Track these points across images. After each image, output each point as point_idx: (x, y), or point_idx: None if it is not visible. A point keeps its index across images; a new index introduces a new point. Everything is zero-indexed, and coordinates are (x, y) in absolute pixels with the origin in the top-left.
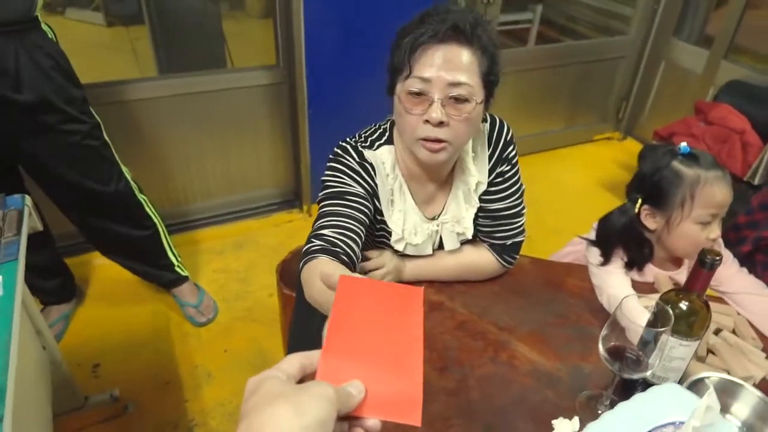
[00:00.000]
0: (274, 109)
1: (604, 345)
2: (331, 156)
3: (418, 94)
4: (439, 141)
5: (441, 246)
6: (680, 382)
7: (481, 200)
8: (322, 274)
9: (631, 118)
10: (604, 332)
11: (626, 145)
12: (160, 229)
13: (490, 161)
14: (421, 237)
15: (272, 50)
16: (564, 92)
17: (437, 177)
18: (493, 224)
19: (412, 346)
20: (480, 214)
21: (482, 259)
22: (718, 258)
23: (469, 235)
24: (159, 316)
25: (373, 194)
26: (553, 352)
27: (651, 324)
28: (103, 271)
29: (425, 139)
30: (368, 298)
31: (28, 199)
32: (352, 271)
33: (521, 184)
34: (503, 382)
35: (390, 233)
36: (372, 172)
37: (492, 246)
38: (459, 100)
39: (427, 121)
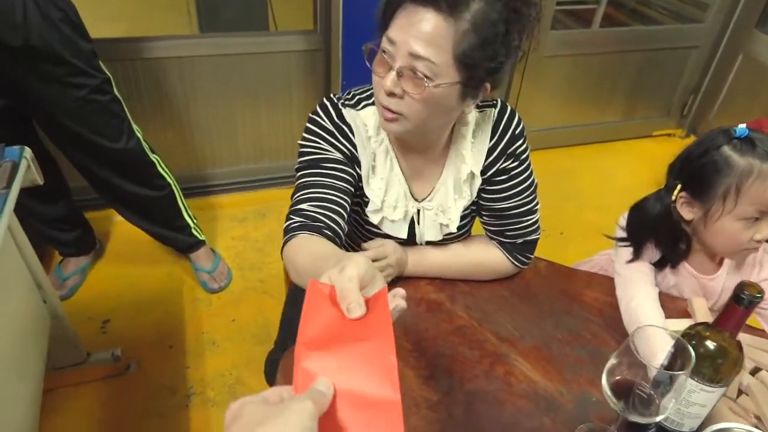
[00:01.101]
0: (308, 78)
1: (608, 377)
2: (309, 114)
3: (384, 53)
4: (392, 111)
5: (412, 234)
6: (699, 430)
7: (481, 197)
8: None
9: (697, 114)
10: (611, 361)
11: (689, 143)
12: (174, 191)
13: (489, 154)
14: (399, 213)
15: (312, 14)
16: (625, 81)
17: (423, 148)
18: (500, 223)
19: (383, 350)
20: (484, 212)
21: (492, 256)
22: (759, 295)
23: (454, 228)
24: (173, 279)
25: (351, 158)
26: (558, 374)
27: (669, 362)
28: (122, 227)
29: (383, 105)
30: (338, 308)
31: (27, 152)
32: (339, 245)
33: (532, 180)
34: (494, 400)
35: (366, 203)
36: (350, 134)
37: (502, 244)
38: (417, 75)
39: None
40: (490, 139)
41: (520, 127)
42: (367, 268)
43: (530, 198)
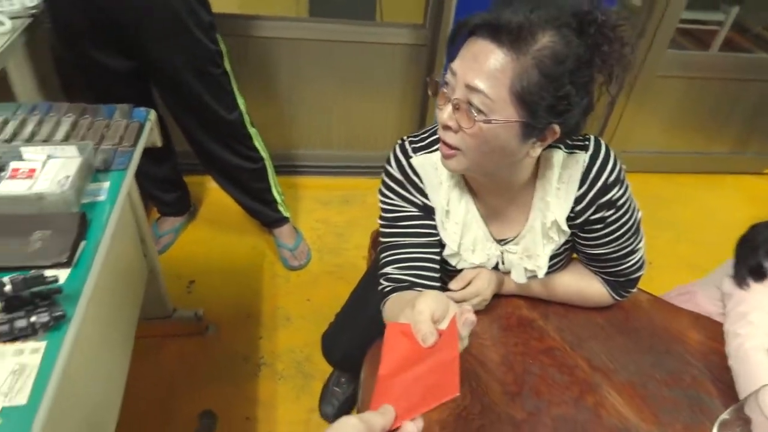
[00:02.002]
0: (409, 72)
1: (720, 431)
2: (384, 164)
3: (446, 84)
4: (450, 146)
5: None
6: None
7: (576, 240)
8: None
9: None
10: (724, 416)
11: None
12: (267, 165)
13: (577, 203)
14: (479, 257)
15: (422, 9)
16: (741, 111)
17: (498, 189)
18: (600, 265)
19: (449, 365)
20: (580, 254)
21: (593, 289)
22: None
23: (541, 274)
24: (256, 252)
25: (425, 208)
26: (652, 414)
27: None
28: (216, 195)
29: (441, 139)
30: (413, 340)
31: (152, 114)
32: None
33: (633, 221)
34: (582, 430)
35: (444, 246)
36: (420, 184)
37: (605, 280)
38: (474, 109)
39: None
40: (579, 188)
41: (615, 173)
42: (438, 302)
43: (631, 240)
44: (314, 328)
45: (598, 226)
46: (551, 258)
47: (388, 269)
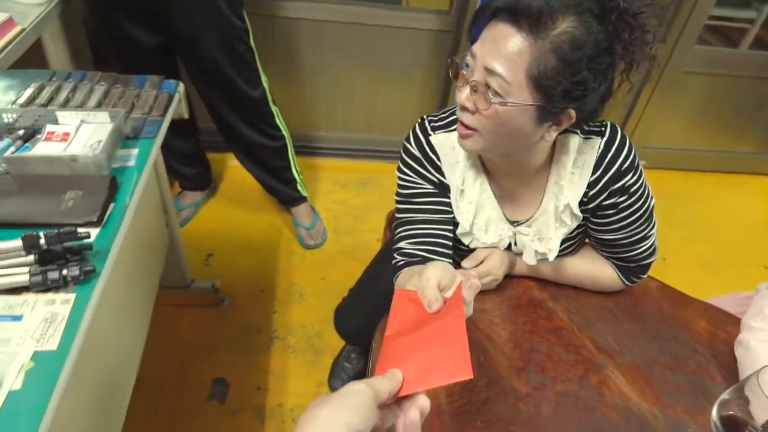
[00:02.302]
0: (432, 58)
1: (719, 411)
2: (403, 141)
3: (467, 66)
4: (467, 126)
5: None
6: None
7: (588, 225)
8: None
9: None
10: (725, 396)
11: None
12: (287, 144)
13: (590, 188)
14: (492, 236)
15: None
16: (767, 111)
17: (513, 171)
18: (610, 250)
19: (455, 330)
20: (592, 239)
21: (605, 274)
22: None
23: (551, 257)
24: (273, 229)
25: (441, 185)
26: (655, 396)
27: None
28: (236, 172)
29: (459, 120)
30: (419, 306)
31: (181, 86)
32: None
33: (646, 208)
34: (584, 406)
35: (457, 225)
36: (437, 161)
37: (616, 265)
38: (491, 91)
39: None
40: (592, 173)
41: (629, 160)
42: (444, 272)
43: (643, 227)
44: (327, 306)
45: (611, 211)
46: (563, 242)
47: (402, 244)
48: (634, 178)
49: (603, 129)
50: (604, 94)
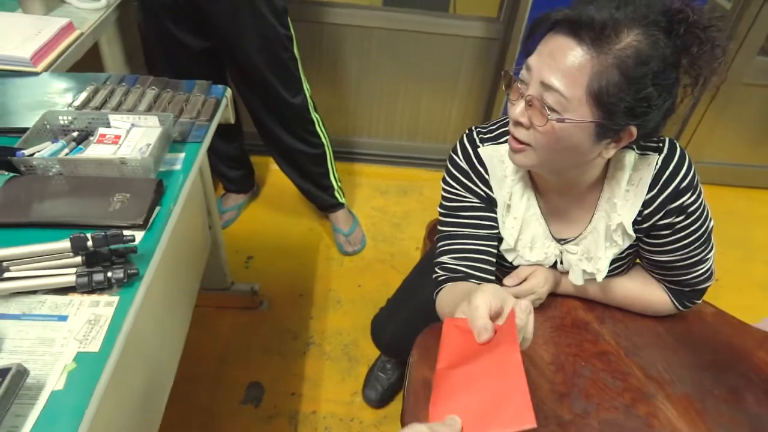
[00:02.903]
0: (479, 66)
1: None
2: (450, 152)
3: (521, 80)
4: (519, 141)
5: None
6: None
7: (641, 246)
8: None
9: None
10: None
11: None
12: (327, 151)
13: (646, 207)
14: (537, 254)
15: (497, 2)
16: None
17: (564, 188)
18: (664, 273)
19: (511, 363)
20: (644, 260)
21: (656, 297)
22: None
23: (600, 278)
24: (313, 234)
25: (488, 200)
26: (708, 430)
27: None
28: (277, 176)
29: (511, 134)
30: (470, 336)
31: (228, 92)
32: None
33: (705, 230)
34: None
35: (501, 240)
36: (485, 174)
37: (668, 288)
38: (548, 107)
39: None
40: (648, 191)
41: (688, 178)
42: (495, 297)
43: (700, 249)
44: (363, 314)
45: (666, 231)
46: (613, 262)
47: (444, 258)
48: (693, 197)
49: (660, 145)
50: (668, 110)
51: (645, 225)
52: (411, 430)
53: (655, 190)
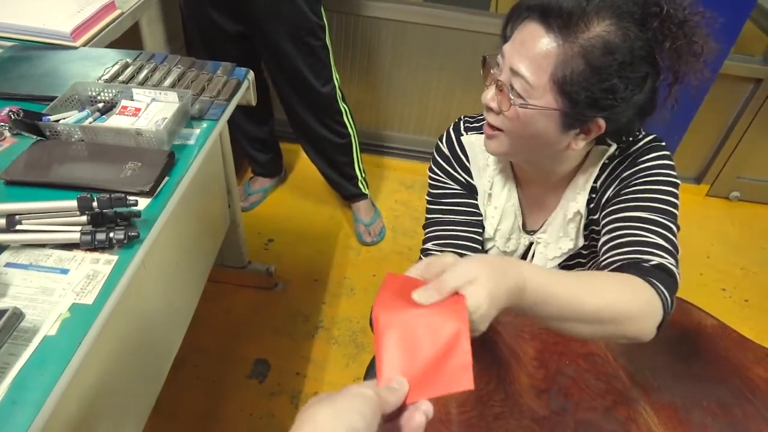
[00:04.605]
0: None
1: None
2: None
3: (497, 66)
4: (492, 126)
5: None
6: None
7: (593, 238)
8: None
9: None
10: None
11: None
12: (353, 141)
13: (594, 193)
14: (512, 245)
15: None
16: None
17: (541, 179)
18: (619, 248)
19: (460, 324)
20: (603, 256)
21: (634, 281)
22: None
23: (549, 265)
24: (334, 221)
25: (468, 187)
26: None
27: None
28: (304, 163)
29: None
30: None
31: (250, 74)
32: None
33: (659, 194)
34: None
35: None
36: (465, 162)
37: (630, 267)
38: (514, 93)
39: None
40: (593, 179)
41: (652, 150)
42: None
43: (652, 214)
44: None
45: (616, 199)
46: (573, 257)
47: (428, 245)
48: (651, 160)
49: (640, 140)
50: (643, 107)
51: (600, 200)
52: (354, 390)
53: (614, 163)
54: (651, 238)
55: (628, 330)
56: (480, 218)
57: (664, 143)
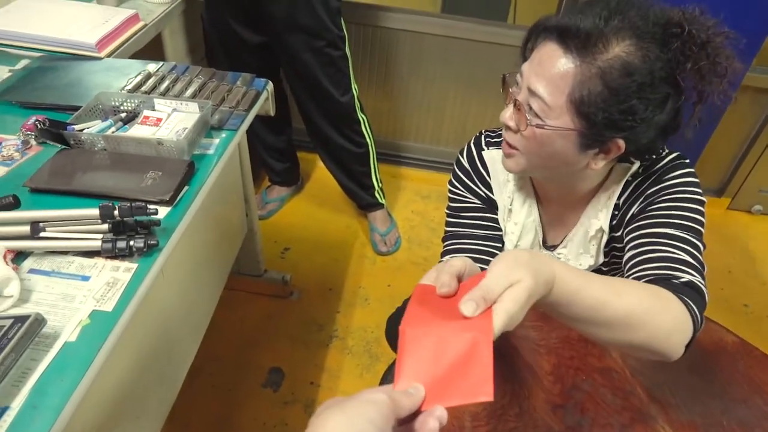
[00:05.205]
0: None
1: None
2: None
3: (516, 84)
4: (510, 145)
5: None
6: None
7: (615, 256)
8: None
9: None
10: None
11: None
12: (370, 151)
13: (617, 210)
14: None
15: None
16: None
17: (561, 198)
18: (644, 264)
19: (481, 336)
20: (628, 273)
21: (664, 293)
22: None
23: None
24: (350, 231)
25: (488, 201)
26: None
27: None
28: (321, 173)
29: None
30: (442, 302)
31: (269, 85)
32: None
33: (684, 212)
34: None
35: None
36: (486, 176)
37: (666, 285)
38: (531, 113)
39: None
40: (618, 196)
41: (678, 170)
42: (472, 271)
43: (676, 231)
44: (389, 313)
45: (641, 215)
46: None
47: (446, 258)
48: (677, 178)
49: (663, 157)
50: (666, 127)
51: (624, 218)
52: (367, 396)
53: (638, 180)
54: (680, 255)
55: (655, 341)
56: (499, 233)
57: (688, 160)
